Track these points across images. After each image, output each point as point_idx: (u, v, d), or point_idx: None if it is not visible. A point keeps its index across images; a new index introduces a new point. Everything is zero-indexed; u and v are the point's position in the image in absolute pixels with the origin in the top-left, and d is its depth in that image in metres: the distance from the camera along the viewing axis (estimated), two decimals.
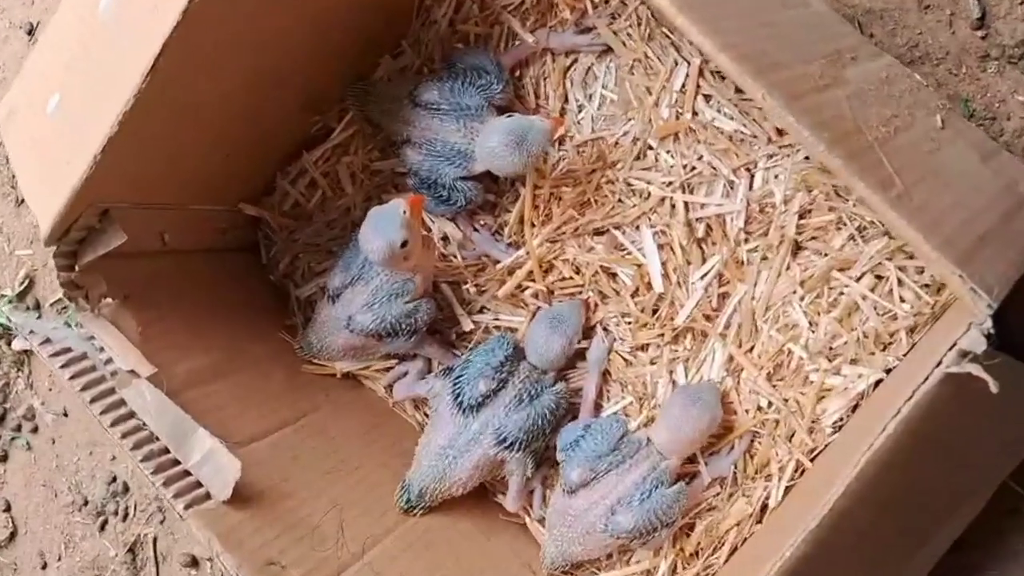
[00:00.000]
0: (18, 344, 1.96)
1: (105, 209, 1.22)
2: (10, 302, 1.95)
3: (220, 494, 1.18)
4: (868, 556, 1.17)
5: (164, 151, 1.24)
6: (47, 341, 1.20)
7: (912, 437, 0.96)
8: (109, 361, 1.22)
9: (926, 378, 0.93)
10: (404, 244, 1.32)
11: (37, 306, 1.95)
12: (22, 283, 1.94)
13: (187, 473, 1.19)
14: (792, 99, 0.90)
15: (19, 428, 1.98)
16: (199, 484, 1.19)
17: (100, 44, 1.18)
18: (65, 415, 1.93)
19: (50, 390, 1.97)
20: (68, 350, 1.21)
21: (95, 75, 1.17)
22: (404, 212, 1.31)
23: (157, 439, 1.19)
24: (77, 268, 1.20)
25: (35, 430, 1.97)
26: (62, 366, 1.19)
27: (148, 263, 1.34)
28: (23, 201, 1.97)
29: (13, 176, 1.97)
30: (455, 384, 1.40)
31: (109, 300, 1.25)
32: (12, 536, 1.99)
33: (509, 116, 1.40)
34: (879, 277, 1.33)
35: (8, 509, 2.00)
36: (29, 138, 1.23)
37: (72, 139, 1.17)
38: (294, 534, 1.23)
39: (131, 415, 1.19)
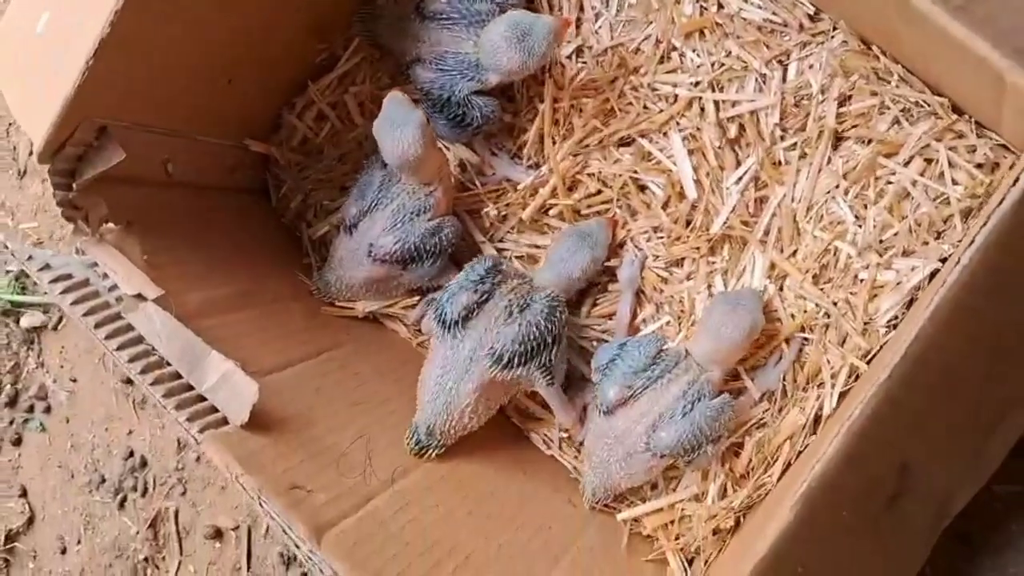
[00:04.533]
0: (27, 321, 1.90)
1: (103, 126, 1.15)
2: (16, 278, 1.89)
3: (237, 418, 1.10)
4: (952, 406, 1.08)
5: (161, 64, 1.17)
6: (46, 267, 1.13)
7: (989, 271, 0.87)
8: (114, 288, 1.14)
9: (1002, 200, 0.84)
10: (424, 126, 1.28)
11: None
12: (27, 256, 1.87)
13: (201, 398, 1.11)
14: None
15: (31, 409, 1.91)
16: (215, 409, 1.11)
17: None
18: (75, 383, 1.86)
19: (62, 367, 1.90)
20: (69, 276, 1.13)
21: None
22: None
23: (168, 364, 1.11)
24: (75, 187, 1.13)
25: (48, 410, 1.91)
26: (62, 292, 1.11)
27: (153, 193, 1.28)
28: (25, 173, 1.91)
29: (14, 148, 1.91)
30: (437, 307, 1.30)
31: (111, 225, 1.18)
32: (30, 521, 1.91)
33: (513, 8, 1.33)
34: (928, 160, 1.25)
35: (24, 494, 1.92)
36: (18, 60, 1.17)
37: (62, 50, 1.10)
38: (319, 461, 1.15)
39: (139, 339, 1.11)
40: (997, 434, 1.15)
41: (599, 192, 1.39)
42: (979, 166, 1.22)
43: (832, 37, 1.29)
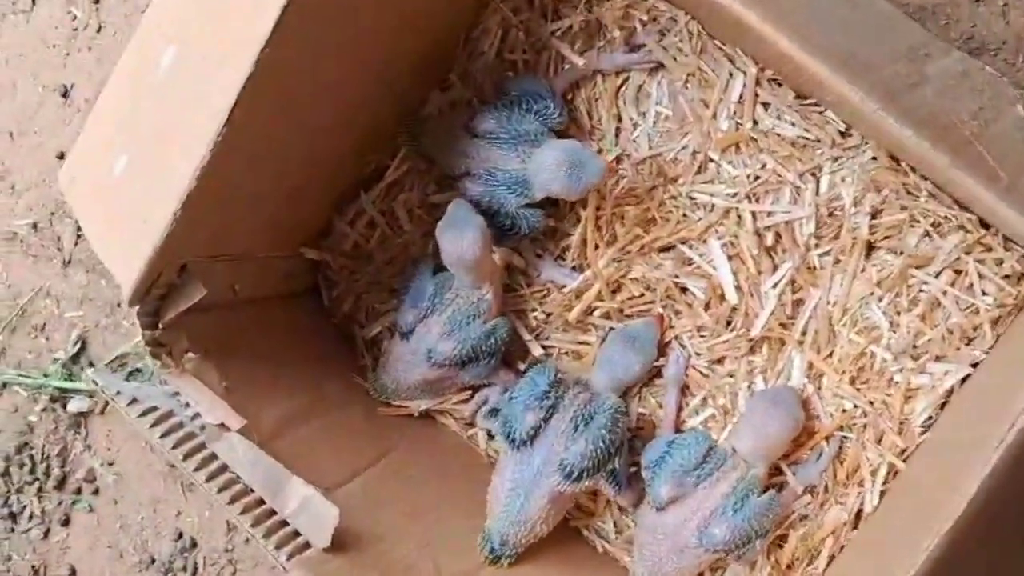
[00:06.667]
0: (74, 406, 1.95)
1: (183, 264, 1.21)
2: (63, 365, 1.94)
3: (320, 542, 1.16)
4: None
5: (238, 202, 1.23)
6: (134, 401, 1.19)
7: None
8: (196, 416, 1.21)
9: None
10: (484, 230, 1.36)
11: (91, 367, 1.93)
12: (75, 344, 1.93)
13: (284, 523, 1.17)
14: (889, 100, 0.90)
15: (79, 491, 1.96)
16: (297, 533, 1.17)
17: (165, 102, 1.18)
18: (122, 466, 1.91)
19: (108, 450, 1.95)
20: (154, 408, 1.19)
21: (164, 134, 1.16)
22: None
23: (252, 491, 1.17)
24: (160, 326, 1.19)
25: (96, 492, 1.95)
26: (151, 425, 1.18)
27: (223, 315, 1.33)
28: (70, 262, 1.96)
29: (59, 238, 1.97)
30: (504, 424, 1.38)
31: (191, 355, 1.24)
32: None
33: (567, 140, 1.40)
34: (958, 272, 1.32)
35: (73, 574, 1.97)
36: (98, 202, 1.22)
37: (147, 198, 1.16)
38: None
39: (224, 468, 1.18)
40: None
41: (642, 295, 1.46)
42: (1006, 277, 1.30)
43: (863, 152, 1.36)
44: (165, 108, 1.18)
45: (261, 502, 1.18)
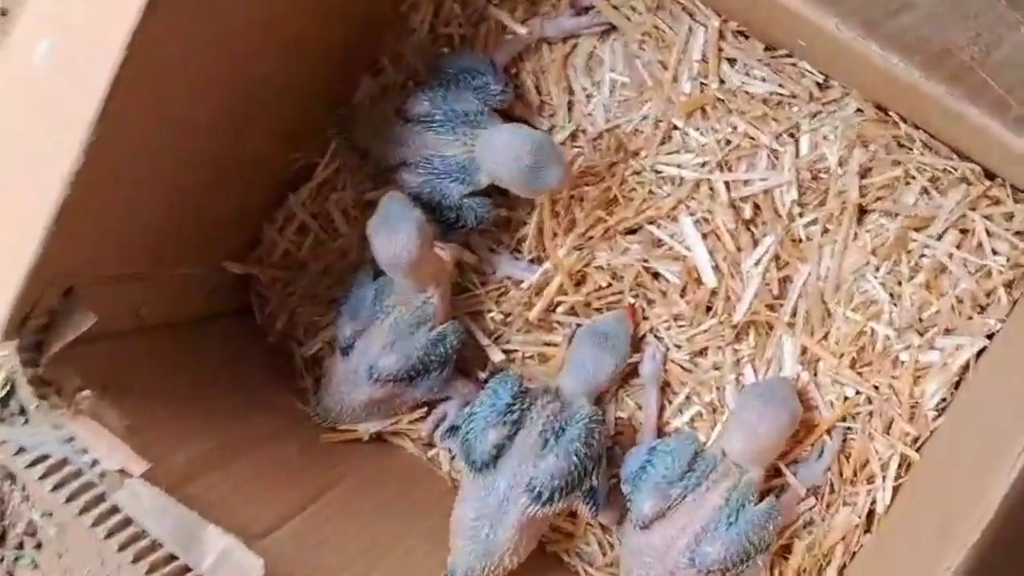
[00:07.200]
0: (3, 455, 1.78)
1: (68, 288, 1.04)
2: None
3: None
4: None
5: (125, 212, 1.07)
6: (21, 451, 1.03)
7: None
8: (95, 463, 1.04)
9: None
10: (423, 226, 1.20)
11: (22, 411, 1.77)
12: (3, 387, 1.77)
13: None
14: (869, 27, 0.74)
15: (21, 546, 1.80)
16: None
17: (40, 99, 1.01)
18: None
19: (48, 500, 1.79)
20: (46, 457, 1.03)
21: (35, 138, 1.00)
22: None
23: (161, 546, 1.01)
24: (43, 362, 1.03)
25: (39, 546, 1.80)
26: (41, 477, 1.01)
27: (126, 344, 1.17)
28: None
29: None
30: (463, 443, 1.20)
31: (86, 392, 1.07)
32: None
33: (528, 128, 1.24)
34: (963, 231, 1.16)
35: None
36: None
37: (18, 214, 0.99)
38: None
39: (128, 522, 1.01)
40: None
41: (609, 285, 1.30)
42: (1019, 234, 1.14)
43: (845, 104, 1.21)
44: (38, 106, 1.01)
45: (172, 558, 1.01)
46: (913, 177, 1.18)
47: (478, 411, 1.21)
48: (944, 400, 1.17)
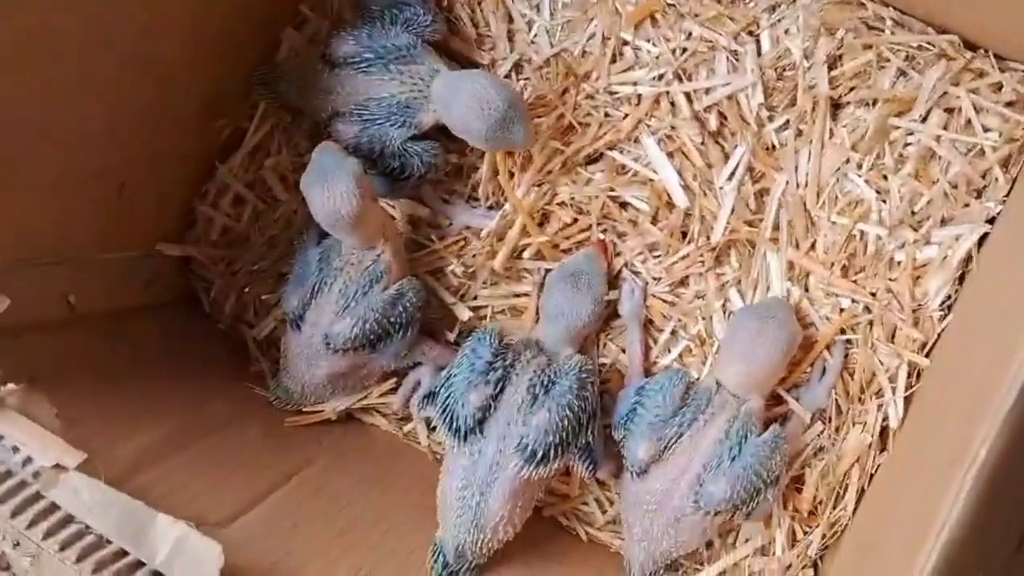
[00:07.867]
0: None
1: None
2: None
3: None
4: None
5: (38, 193, 0.97)
6: None
7: None
8: (28, 461, 0.93)
9: None
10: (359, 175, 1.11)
11: None
12: None
13: (157, 574, 0.90)
14: None
15: None
16: None
17: None
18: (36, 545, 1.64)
19: (15, 528, 1.67)
20: None
21: None
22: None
23: (109, 542, 0.90)
24: None
25: None
26: None
27: (56, 335, 1.07)
28: None
29: None
30: (443, 410, 1.09)
31: (11, 386, 0.96)
32: None
33: (485, 73, 1.15)
34: (949, 110, 1.08)
35: None
36: None
37: None
38: None
39: (69, 519, 0.91)
40: None
41: (575, 221, 1.20)
42: (1010, 104, 1.05)
43: None
44: None
45: (123, 553, 0.90)
46: (887, 60, 1.09)
47: (457, 373, 1.10)
48: (949, 297, 1.09)
